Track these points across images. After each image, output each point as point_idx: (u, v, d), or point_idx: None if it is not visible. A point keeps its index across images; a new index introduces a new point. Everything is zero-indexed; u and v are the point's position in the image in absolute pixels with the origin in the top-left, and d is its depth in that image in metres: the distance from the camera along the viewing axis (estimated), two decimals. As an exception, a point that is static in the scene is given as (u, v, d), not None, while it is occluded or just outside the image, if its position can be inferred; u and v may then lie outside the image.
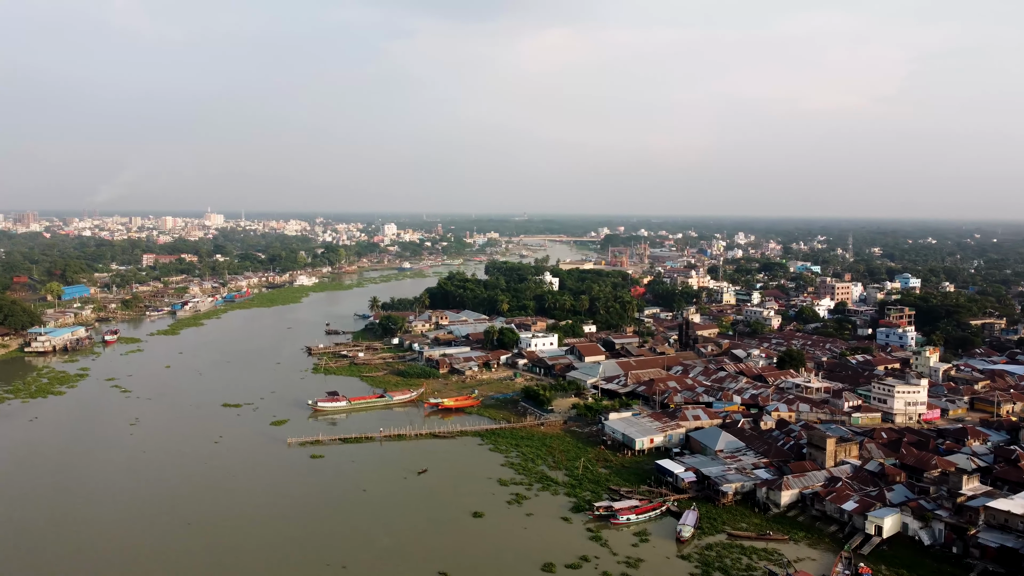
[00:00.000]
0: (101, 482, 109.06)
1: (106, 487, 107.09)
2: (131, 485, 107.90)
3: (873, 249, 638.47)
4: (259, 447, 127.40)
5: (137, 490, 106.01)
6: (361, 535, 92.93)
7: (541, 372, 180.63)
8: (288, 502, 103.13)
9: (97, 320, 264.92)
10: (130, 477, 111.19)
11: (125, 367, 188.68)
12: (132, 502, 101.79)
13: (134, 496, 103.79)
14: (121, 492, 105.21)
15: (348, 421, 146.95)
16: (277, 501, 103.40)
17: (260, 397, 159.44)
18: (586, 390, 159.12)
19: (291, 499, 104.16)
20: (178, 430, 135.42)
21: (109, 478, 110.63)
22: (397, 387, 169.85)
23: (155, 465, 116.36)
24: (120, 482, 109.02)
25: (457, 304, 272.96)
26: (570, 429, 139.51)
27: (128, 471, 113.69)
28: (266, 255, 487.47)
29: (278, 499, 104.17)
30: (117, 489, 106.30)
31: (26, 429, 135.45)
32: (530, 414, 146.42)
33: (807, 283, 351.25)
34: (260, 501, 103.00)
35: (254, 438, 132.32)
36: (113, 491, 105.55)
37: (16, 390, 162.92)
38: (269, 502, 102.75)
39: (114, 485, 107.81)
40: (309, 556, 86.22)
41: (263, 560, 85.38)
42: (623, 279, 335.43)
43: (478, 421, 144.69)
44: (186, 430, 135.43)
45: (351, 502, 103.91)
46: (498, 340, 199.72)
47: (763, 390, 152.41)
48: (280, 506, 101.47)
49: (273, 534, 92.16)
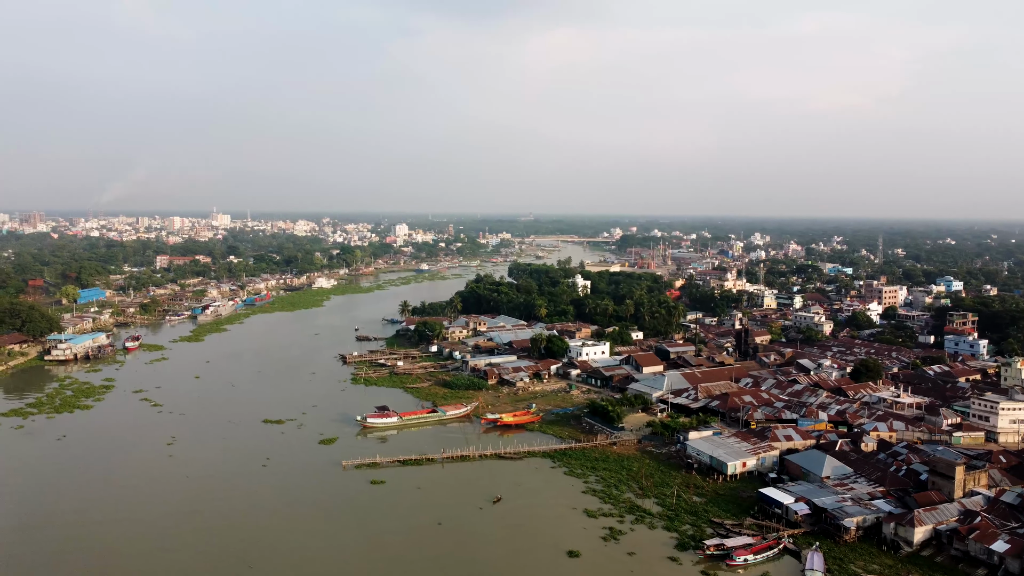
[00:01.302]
0: (145, 514, 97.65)
1: (152, 520, 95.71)
2: (178, 517, 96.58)
3: (896, 250, 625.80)
4: (312, 471, 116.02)
5: (187, 524, 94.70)
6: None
7: (597, 383, 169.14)
8: (356, 537, 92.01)
9: (116, 325, 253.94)
10: (176, 508, 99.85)
11: (152, 378, 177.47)
12: (183, 538, 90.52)
13: (184, 531, 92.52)
14: (169, 526, 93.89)
15: (400, 438, 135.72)
16: (344, 536, 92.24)
17: (302, 412, 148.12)
18: (653, 405, 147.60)
19: (359, 534, 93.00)
20: (220, 451, 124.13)
21: (154, 510, 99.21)
22: (447, 400, 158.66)
23: (202, 494, 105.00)
24: (166, 514, 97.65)
25: (491, 309, 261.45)
26: (646, 449, 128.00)
27: (173, 501, 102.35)
28: (280, 256, 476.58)
29: (344, 533, 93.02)
30: (164, 523, 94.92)
31: (55, 450, 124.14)
32: (599, 431, 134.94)
33: (844, 286, 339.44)
34: (326, 536, 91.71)
35: (304, 460, 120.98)
36: (160, 525, 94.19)
37: (40, 404, 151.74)
38: (336, 537, 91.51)
39: (160, 517, 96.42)
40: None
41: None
42: (655, 282, 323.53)
43: (542, 439, 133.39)
44: (229, 451, 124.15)
45: (429, 538, 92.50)
46: (546, 348, 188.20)
47: (848, 405, 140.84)
48: (349, 543, 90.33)
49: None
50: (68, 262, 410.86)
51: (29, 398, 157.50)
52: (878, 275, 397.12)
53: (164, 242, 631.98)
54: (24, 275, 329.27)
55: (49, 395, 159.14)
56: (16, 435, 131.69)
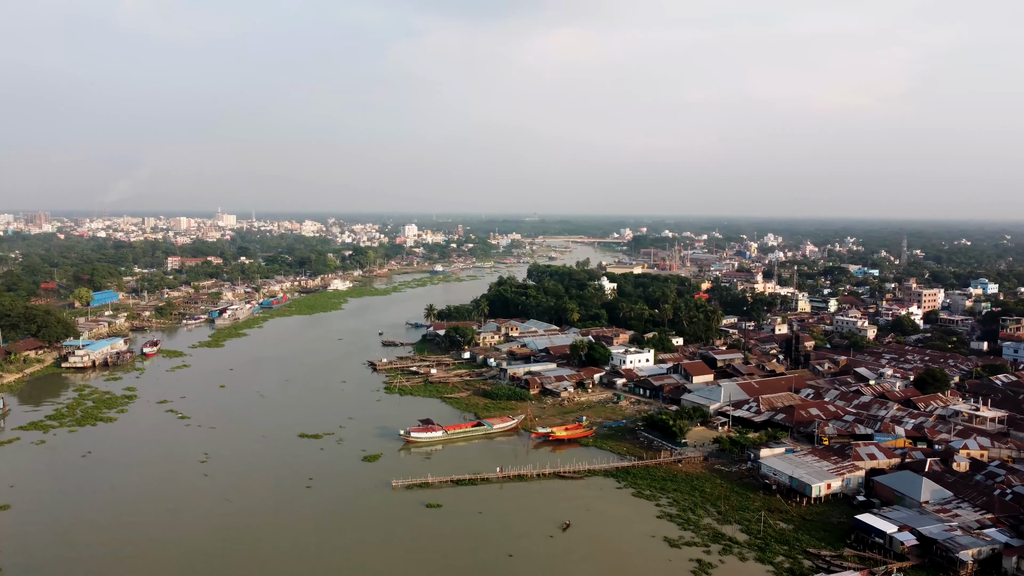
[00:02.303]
0: (186, 543, 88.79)
1: (194, 550, 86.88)
2: (223, 546, 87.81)
3: (915, 251, 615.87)
4: (360, 492, 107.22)
5: (233, 554, 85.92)
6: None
7: (646, 394, 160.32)
8: (421, 573, 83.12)
9: (131, 329, 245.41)
10: (219, 536, 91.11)
11: (175, 387, 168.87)
12: (231, 570, 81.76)
13: (231, 562, 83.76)
14: (214, 556, 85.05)
15: (446, 454, 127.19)
16: (407, 570, 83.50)
17: (339, 425, 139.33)
18: (712, 418, 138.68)
19: (424, 569, 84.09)
20: (259, 470, 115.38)
21: (195, 538, 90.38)
22: (489, 412, 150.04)
23: (245, 519, 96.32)
24: (208, 543, 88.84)
25: (519, 312, 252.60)
26: (713, 467, 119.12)
27: (214, 527, 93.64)
28: (292, 257, 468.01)
29: (407, 567, 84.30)
30: (208, 553, 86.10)
31: (81, 468, 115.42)
32: (659, 447, 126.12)
33: (877, 289, 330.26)
34: (387, 571, 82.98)
35: (351, 480, 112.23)
36: (203, 556, 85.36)
37: (60, 416, 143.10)
38: (398, 572, 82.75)
39: (202, 547, 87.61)
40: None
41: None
42: (682, 284, 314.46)
43: (599, 456, 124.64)
44: (268, 470, 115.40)
45: (502, 572, 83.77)
46: (587, 356, 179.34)
47: (923, 419, 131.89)
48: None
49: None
50: (78, 264, 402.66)
51: (48, 409, 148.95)
52: (904, 277, 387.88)
53: (172, 243, 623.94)
54: (34, 277, 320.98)
55: (69, 406, 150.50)
56: (38, 452, 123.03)
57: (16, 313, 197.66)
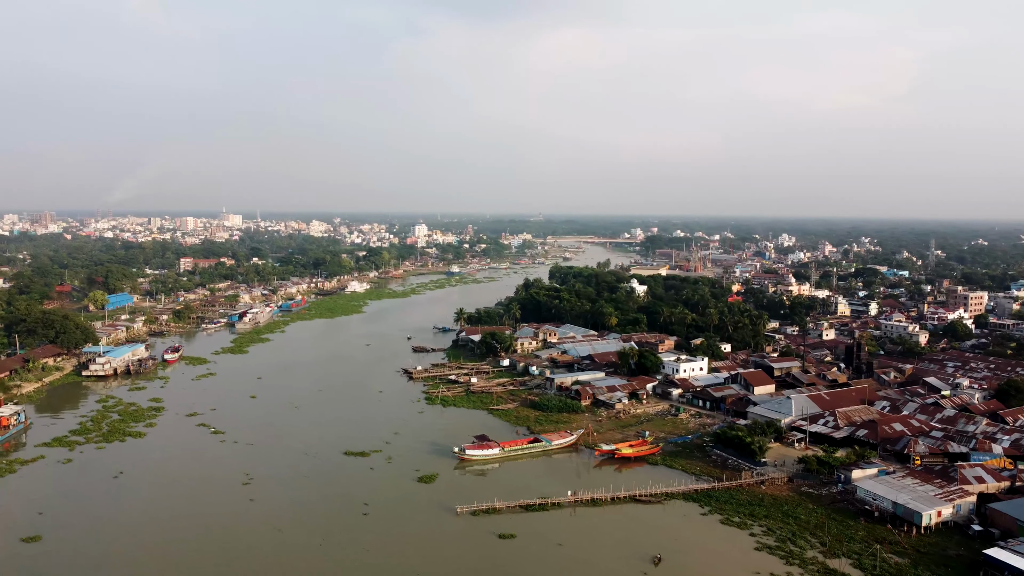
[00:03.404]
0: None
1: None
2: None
3: (936, 251, 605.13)
4: (423, 520, 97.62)
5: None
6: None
7: (706, 405, 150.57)
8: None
9: (149, 334, 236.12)
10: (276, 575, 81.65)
11: (202, 397, 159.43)
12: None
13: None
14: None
15: (504, 474, 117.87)
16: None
17: (385, 441, 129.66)
18: (787, 434, 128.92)
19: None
20: (308, 494, 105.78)
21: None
22: (542, 425, 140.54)
23: (302, 552, 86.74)
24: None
25: (553, 317, 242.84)
26: (800, 489, 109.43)
27: (268, 563, 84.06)
28: (305, 258, 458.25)
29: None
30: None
31: (114, 492, 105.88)
32: (736, 467, 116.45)
33: (914, 291, 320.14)
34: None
35: (409, 505, 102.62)
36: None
37: (85, 431, 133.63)
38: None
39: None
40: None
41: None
42: (713, 287, 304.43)
43: (671, 476, 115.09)
44: (318, 494, 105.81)
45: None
46: (637, 364, 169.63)
47: (1018, 435, 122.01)
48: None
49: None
50: (88, 265, 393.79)
51: (71, 422, 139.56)
52: (935, 279, 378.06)
53: (180, 243, 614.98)
54: (45, 279, 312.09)
55: (94, 419, 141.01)
56: (65, 472, 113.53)
57: (33, 318, 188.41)
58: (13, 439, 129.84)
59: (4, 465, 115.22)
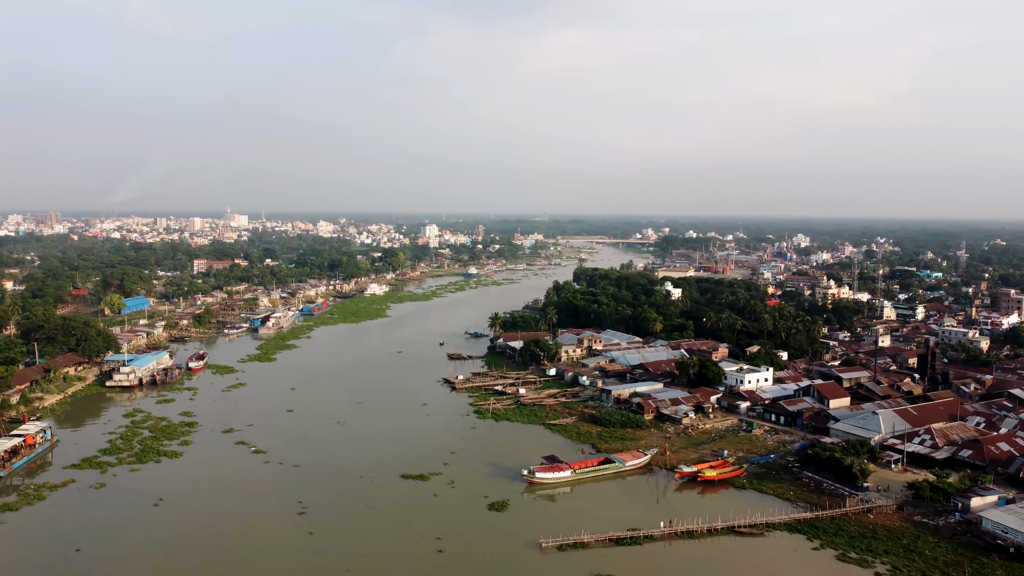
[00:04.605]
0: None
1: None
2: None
3: (957, 252, 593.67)
4: (507, 557, 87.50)
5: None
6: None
7: (780, 420, 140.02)
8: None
9: (170, 340, 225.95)
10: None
11: (236, 411, 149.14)
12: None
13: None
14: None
15: (577, 499, 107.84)
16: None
17: (443, 462, 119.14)
18: (880, 454, 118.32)
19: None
20: (372, 525, 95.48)
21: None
22: (607, 443, 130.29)
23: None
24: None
25: (592, 322, 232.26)
26: (912, 518, 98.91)
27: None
28: (318, 259, 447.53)
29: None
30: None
31: (154, 523, 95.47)
32: (832, 492, 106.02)
33: (959, 295, 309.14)
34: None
35: (486, 538, 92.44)
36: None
37: (116, 449, 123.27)
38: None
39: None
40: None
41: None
42: (748, 290, 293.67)
43: (761, 501, 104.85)
44: (383, 525, 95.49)
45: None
46: (697, 375, 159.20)
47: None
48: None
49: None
50: (100, 267, 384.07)
51: (99, 439, 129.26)
52: (970, 281, 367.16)
53: (189, 243, 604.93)
54: (56, 281, 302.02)
55: (124, 436, 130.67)
56: (99, 498, 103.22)
57: (52, 325, 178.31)
58: (39, 458, 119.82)
59: (32, 491, 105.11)
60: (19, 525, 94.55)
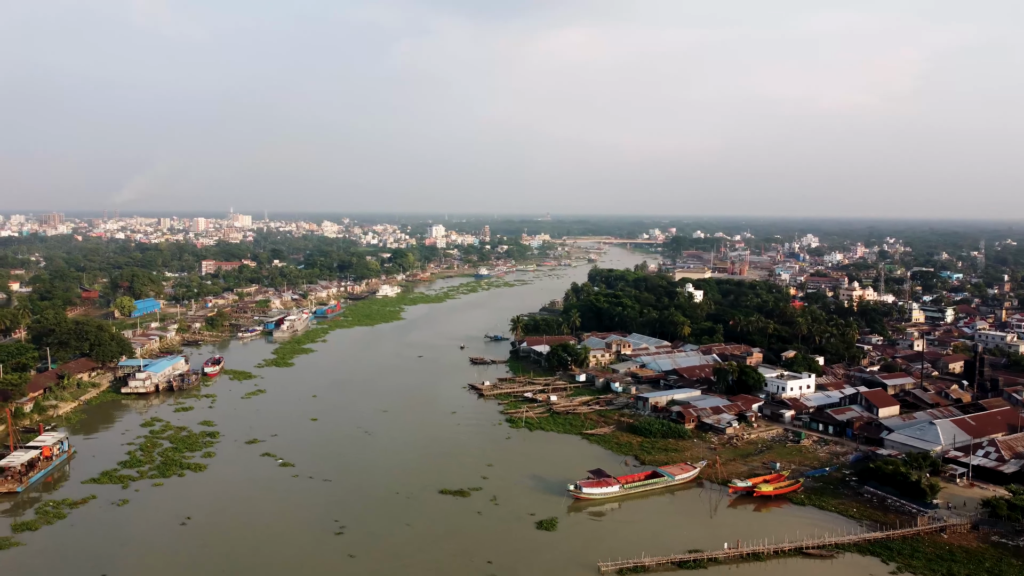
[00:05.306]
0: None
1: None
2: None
3: (972, 253, 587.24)
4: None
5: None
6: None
7: (828, 430, 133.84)
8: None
9: (183, 344, 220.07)
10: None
11: (257, 420, 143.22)
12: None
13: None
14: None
15: (627, 515, 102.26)
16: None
17: (481, 476, 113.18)
18: (943, 467, 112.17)
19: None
20: (415, 548, 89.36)
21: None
22: (650, 454, 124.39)
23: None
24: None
25: (616, 325, 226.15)
26: (989, 539, 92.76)
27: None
28: (327, 259, 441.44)
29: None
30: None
31: (184, 544, 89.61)
32: (897, 508, 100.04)
33: (978, 295, 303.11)
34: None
35: (541, 562, 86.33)
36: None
37: (136, 462, 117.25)
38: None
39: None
40: None
41: None
42: (769, 291, 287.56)
43: (823, 519, 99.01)
44: (427, 547, 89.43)
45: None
46: (736, 381, 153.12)
47: None
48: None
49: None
50: (106, 267, 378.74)
51: (118, 451, 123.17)
52: (991, 282, 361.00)
53: (195, 244, 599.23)
54: (64, 283, 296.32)
55: (143, 447, 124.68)
56: (123, 517, 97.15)
57: (64, 329, 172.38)
58: (57, 471, 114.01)
59: (52, 508, 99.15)
60: (39, 547, 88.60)
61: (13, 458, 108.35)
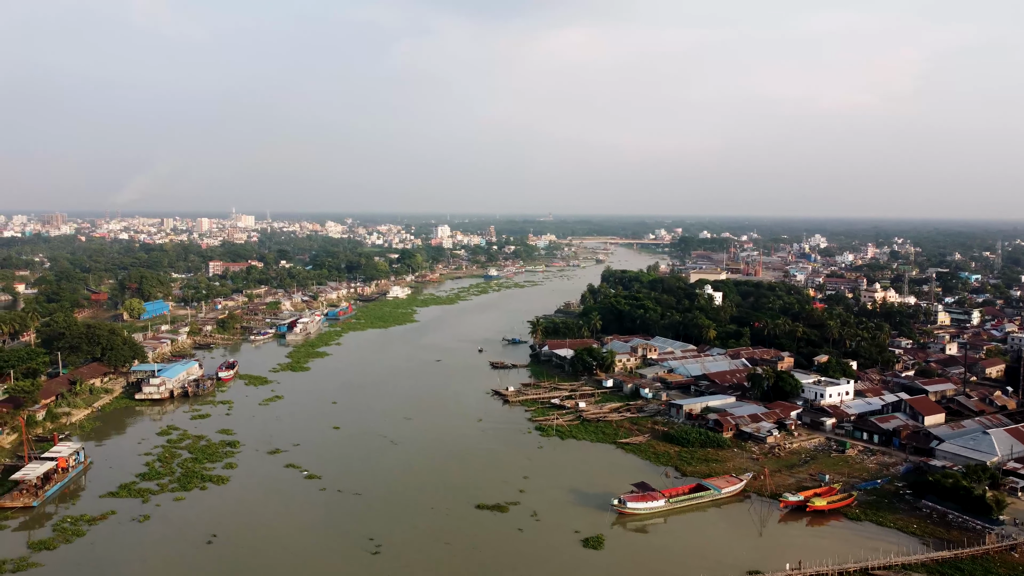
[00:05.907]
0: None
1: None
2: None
3: (986, 253, 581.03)
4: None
5: None
6: None
7: (872, 439, 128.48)
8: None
9: (194, 347, 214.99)
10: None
11: (278, 427, 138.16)
12: None
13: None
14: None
15: (673, 531, 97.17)
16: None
17: (518, 489, 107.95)
18: (1004, 480, 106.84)
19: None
20: (458, 569, 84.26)
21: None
22: (690, 465, 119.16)
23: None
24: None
25: (638, 328, 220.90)
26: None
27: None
28: (335, 260, 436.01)
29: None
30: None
31: (211, 566, 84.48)
32: (960, 524, 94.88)
33: (1001, 297, 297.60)
34: None
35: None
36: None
37: (155, 474, 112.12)
38: None
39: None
40: None
41: None
42: (789, 293, 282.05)
43: (881, 535, 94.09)
44: (471, 569, 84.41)
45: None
46: (772, 387, 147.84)
47: None
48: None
49: None
50: (112, 268, 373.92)
51: (135, 462, 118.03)
52: (1010, 283, 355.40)
53: (199, 244, 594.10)
54: (71, 284, 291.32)
55: (161, 458, 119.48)
56: (145, 535, 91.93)
57: (75, 333, 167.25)
58: (73, 483, 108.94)
59: (70, 525, 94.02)
60: (58, 568, 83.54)
61: (29, 470, 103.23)
